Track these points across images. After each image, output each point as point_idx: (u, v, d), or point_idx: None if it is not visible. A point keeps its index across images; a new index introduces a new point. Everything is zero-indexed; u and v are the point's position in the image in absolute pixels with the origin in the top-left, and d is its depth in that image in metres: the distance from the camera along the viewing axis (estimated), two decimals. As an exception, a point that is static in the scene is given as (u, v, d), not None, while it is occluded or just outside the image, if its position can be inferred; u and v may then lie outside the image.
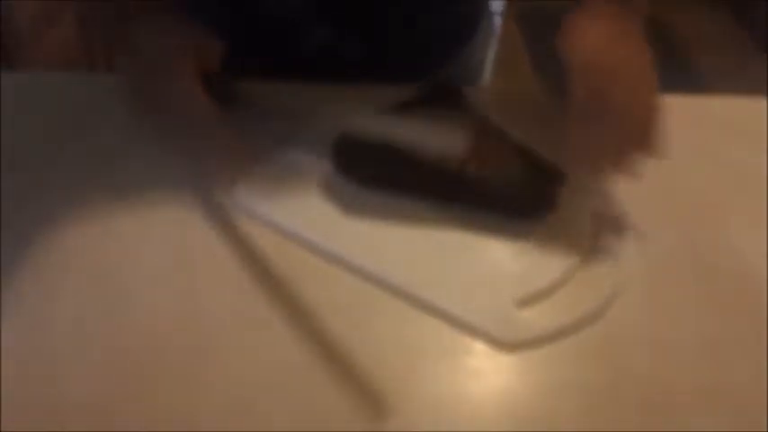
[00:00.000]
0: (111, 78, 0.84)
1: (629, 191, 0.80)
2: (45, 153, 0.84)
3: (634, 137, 0.72)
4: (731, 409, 0.64)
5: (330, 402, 0.63)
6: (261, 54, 0.91)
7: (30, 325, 0.67)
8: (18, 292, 0.70)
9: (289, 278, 0.72)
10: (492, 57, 1.14)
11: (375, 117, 0.75)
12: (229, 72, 0.82)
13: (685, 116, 0.91)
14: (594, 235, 0.76)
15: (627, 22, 0.75)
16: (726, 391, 0.65)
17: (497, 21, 1.06)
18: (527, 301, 0.70)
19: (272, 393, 0.63)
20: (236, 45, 0.85)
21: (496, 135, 0.79)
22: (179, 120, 0.77)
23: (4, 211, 0.76)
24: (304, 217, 0.77)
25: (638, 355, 0.67)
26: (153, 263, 0.73)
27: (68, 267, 0.72)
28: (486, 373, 0.66)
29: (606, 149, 0.72)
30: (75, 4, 1.79)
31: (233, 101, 0.82)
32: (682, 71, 2.73)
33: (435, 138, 0.73)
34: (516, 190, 0.76)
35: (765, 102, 0.93)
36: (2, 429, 0.59)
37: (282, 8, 0.93)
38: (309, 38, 0.95)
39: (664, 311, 0.71)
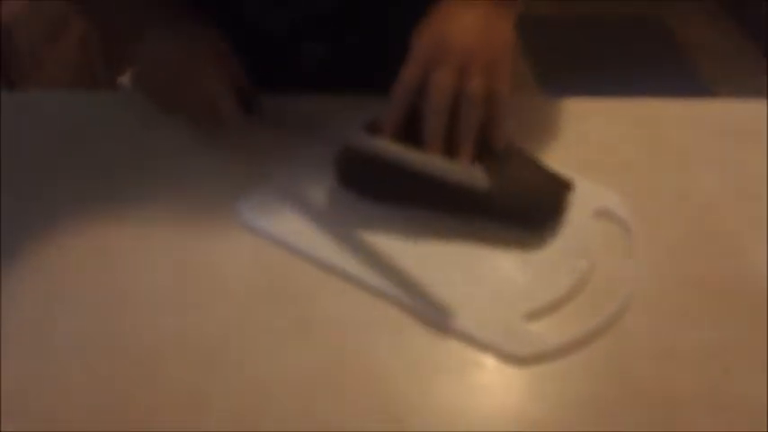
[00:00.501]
0: (113, 96, 0.84)
1: (636, 197, 0.80)
2: (47, 171, 0.84)
3: (480, 117, 0.73)
4: (742, 420, 0.63)
5: (336, 419, 0.62)
6: (259, 68, 0.91)
7: (31, 339, 0.67)
8: (19, 307, 0.69)
9: (293, 293, 0.71)
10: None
11: (392, 144, 0.74)
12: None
13: (689, 121, 0.92)
14: (602, 243, 0.76)
15: (497, 16, 0.77)
16: (737, 403, 0.64)
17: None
18: (536, 314, 0.69)
19: (275, 408, 0.63)
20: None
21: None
22: (205, 123, 0.83)
23: (6, 229, 0.76)
24: (308, 231, 0.76)
25: (648, 367, 0.66)
26: (154, 278, 0.72)
27: (69, 283, 0.72)
28: (495, 388, 0.65)
29: (460, 133, 0.73)
30: (76, 24, 1.79)
31: (255, 112, 0.83)
32: (685, 76, 2.72)
33: (457, 171, 0.73)
34: (522, 199, 0.75)
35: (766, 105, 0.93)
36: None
37: (281, 24, 0.93)
38: (308, 53, 0.95)
39: (672, 322, 0.70)
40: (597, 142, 0.88)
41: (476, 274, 0.73)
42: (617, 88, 2.57)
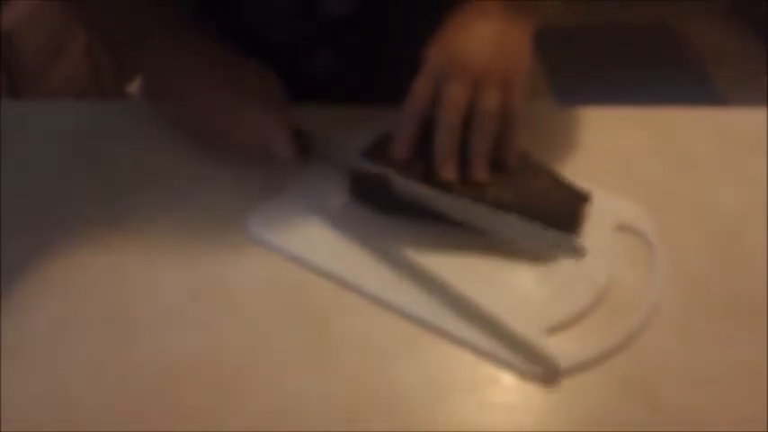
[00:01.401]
0: (119, 106, 0.82)
1: (655, 208, 0.78)
2: (51, 184, 0.82)
3: (494, 133, 0.72)
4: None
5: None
6: None
7: (41, 364, 0.66)
8: (28, 329, 0.68)
9: (308, 312, 0.70)
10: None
11: (397, 176, 0.74)
12: None
13: (707, 130, 0.90)
14: (622, 257, 0.74)
15: (514, 29, 0.75)
16: (761, 421, 0.62)
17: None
18: (554, 330, 0.67)
19: (290, 429, 0.61)
20: None
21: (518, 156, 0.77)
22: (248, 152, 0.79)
23: (13, 246, 0.75)
24: (321, 246, 0.74)
25: (670, 386, 0.64)
26: (166, 297, 0.71)
27: (79, 303, 0.70)
28: (514, 408, 0.64)
29: (475, 147, 0.72)
30: (83, 32, 1.77)
31: (309, 150, 0.80)
32: (698, 83, 2.70)
33: (459, 210, 0.72)
34: (538, 212, 0.73)
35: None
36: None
37: (283, 30, 0.92)
38: (309, 56, 0.94)
39: (695, 340, 0.68)
40: (614, 152, 0.87)
41: (492, 288, 0.71)
42: (631, 96, 2.60)
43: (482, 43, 0.73)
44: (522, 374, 0.65)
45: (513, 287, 0.72)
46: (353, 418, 0.62)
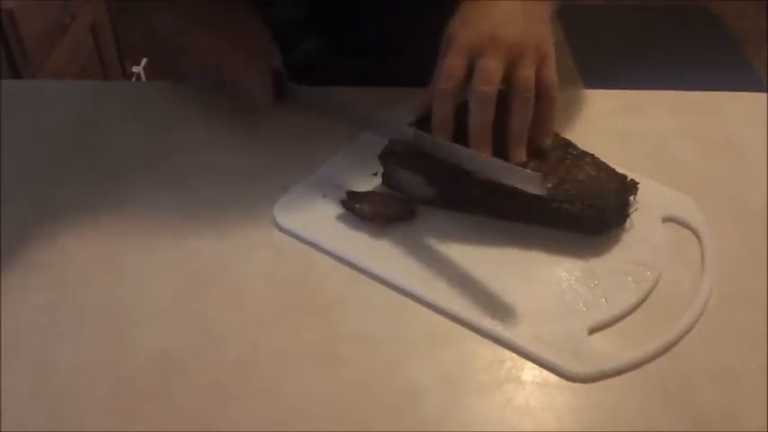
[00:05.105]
0: (122, 87, 0.79)
1: (694, 196, 0.74)
2: (51, 169, 0.79)
3: (532, 110, 0.70)
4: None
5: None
6: None
7: (30, 359, 0.62)
8: (16, 322, 0.65)
9: (314, 306, 0.66)
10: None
11: (446, 142, 0.70)
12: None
13: (746, 115, 0.87)
14: (671, 249, 0.70)
15: (534, 11, 0.74)
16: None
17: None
18: (597, 329, 0.63)
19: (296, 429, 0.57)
20: None
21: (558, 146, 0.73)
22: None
23: (4, 233, 0.71)
24: (345, 237, 0.70)
25: (708, 391, 0.60)
26: (164, 289, 0.67)
27: (72, 295, 0.67)
28: (537, 410, 0.59)
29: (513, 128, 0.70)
30: (86, 11, 1.74)
31: (282, 95, 0.82)
32: (733, 64, 2.67)
33: (513, 174, 0.67)
34: (581, 202, 0.69)
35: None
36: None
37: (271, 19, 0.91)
38: (297, 48, 0.92)
39: (736, 341, 0.63)
40: (649, 138, 0.83)
41: (530, 284, 0.67)
42: (665, 79, 2.55)
43: (511, 16, 0.71)
44: (564, 375, 0.60)
45: (553, 282, 0.67)
46: (361, 421, 0.58)
